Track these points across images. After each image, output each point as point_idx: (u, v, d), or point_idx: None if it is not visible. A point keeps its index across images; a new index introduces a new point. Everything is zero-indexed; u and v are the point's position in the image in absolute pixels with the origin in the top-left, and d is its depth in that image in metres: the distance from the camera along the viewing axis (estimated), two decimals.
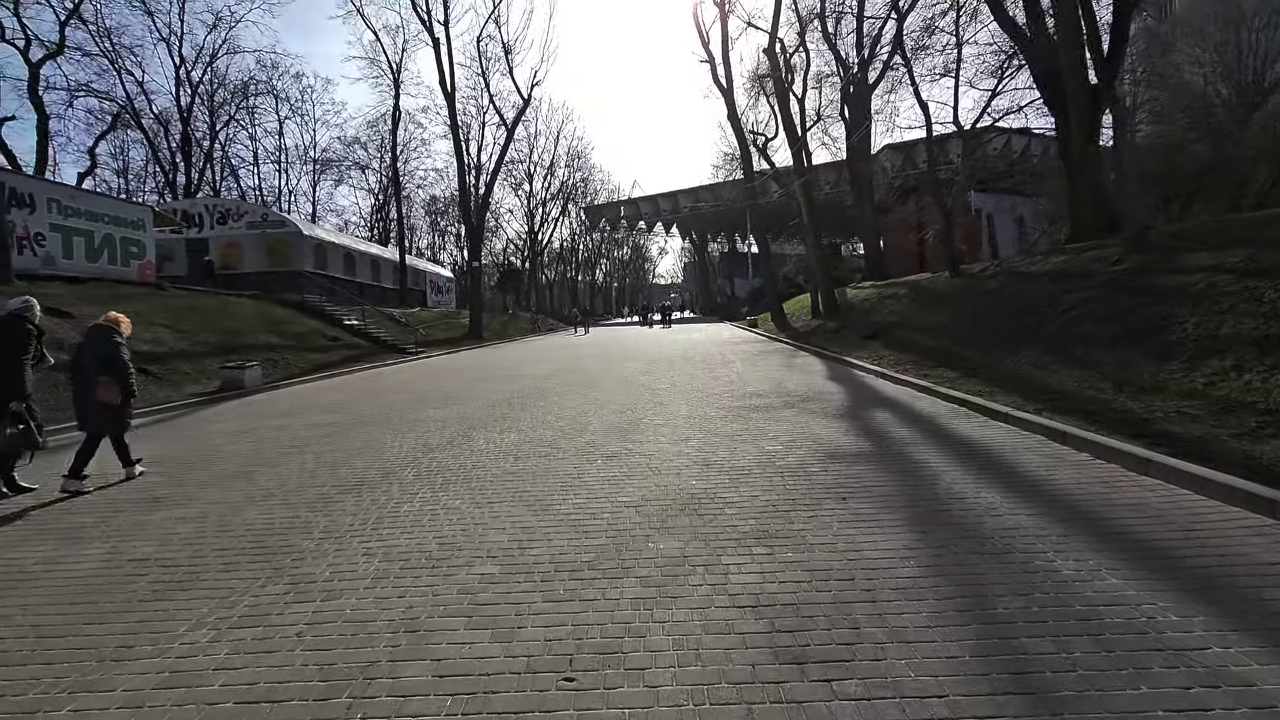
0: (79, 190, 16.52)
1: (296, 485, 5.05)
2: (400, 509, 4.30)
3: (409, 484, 4.92)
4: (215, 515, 4.35)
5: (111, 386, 5.26)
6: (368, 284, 29.36)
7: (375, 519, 4.12)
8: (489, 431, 6.97)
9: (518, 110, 30.89)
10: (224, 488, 5.09)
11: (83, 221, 15.38)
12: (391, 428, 7.49)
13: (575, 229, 65.80)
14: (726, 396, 8.73)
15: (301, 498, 4.69)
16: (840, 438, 5.84)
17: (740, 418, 7.08)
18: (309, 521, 4.13)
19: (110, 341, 5.35)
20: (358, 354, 18.19)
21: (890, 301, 17.89)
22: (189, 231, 24.61)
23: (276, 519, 4.21)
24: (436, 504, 4.37)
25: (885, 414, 6.99)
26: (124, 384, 5.32)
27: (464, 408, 8.82)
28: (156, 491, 5.06)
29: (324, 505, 4.47)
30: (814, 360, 13.33)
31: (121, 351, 5.38)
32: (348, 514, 4.25)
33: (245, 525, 4.12)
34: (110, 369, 5.26)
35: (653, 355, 16.69)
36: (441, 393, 10.65)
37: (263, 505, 4.55)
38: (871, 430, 6.16)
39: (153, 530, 4.11)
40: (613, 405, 8.42)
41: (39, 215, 14.20)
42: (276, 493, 4.86)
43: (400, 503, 4.44)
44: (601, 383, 10.98)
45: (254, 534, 3.94)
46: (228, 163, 41.12)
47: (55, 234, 14.59)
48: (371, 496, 4.63)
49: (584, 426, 6.99)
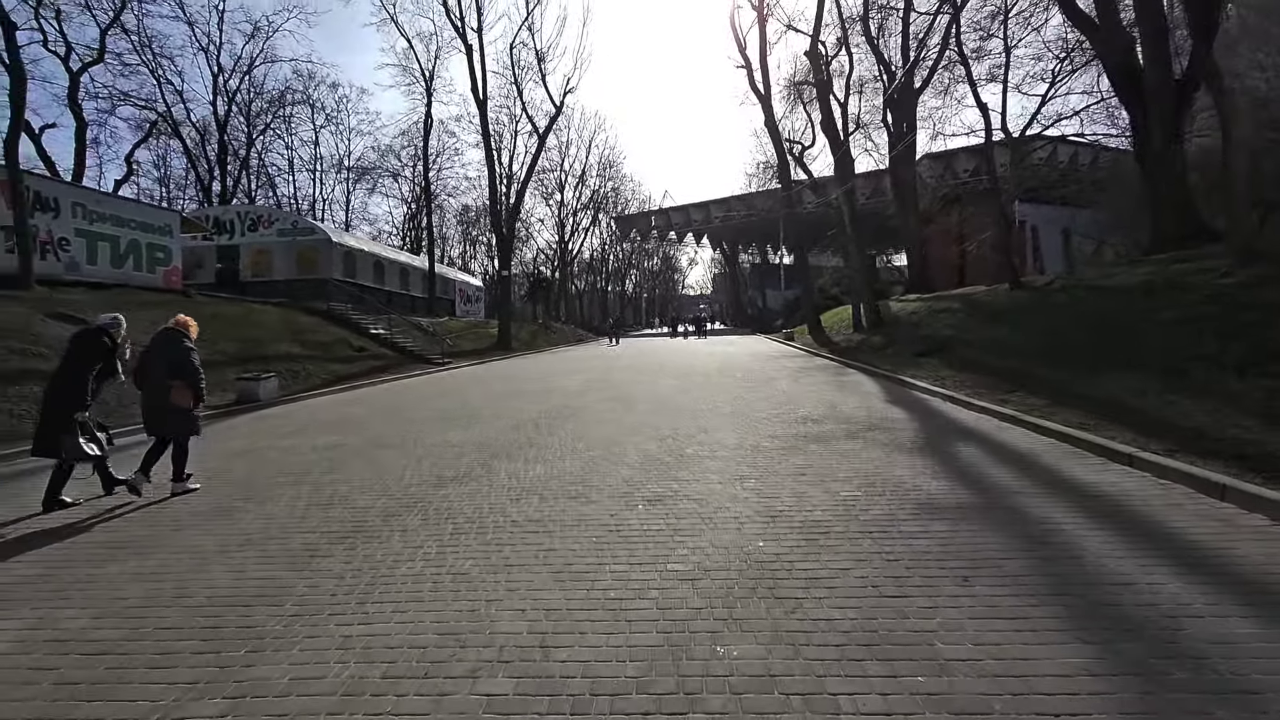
0: (105, 195, 16.38)
1: (282, 529, 4.27)
2: (396, 571, 3.47)
3: (413, 533, 4.10)
4: (176, 572, 3.57)
5: (184, 390, 5.29)
6: (396, 292, 29.05)
7: (365, 585, 3.30)
8: (512, 461, 6.14)
9: (550, 118, 30.41)
10: (200, 528, 4.33)
11: (108, 227, 15.14)
12: (405, 452, 6.72)
13: (605, 239, 65.40)
14: (777, 421, 7.78)
15: (284, 548, 3.90)
16: (928, 482, 4.86)
17: (798, 450, 6.14)
18: (284, 586, 3.33)
19: (181, 346, 5.38)
20: (382, 365, 17.65)
21: (942, 315, 16.71)
22: (220, 238, 24.56)
23: (247, 581, 3.42)
24: (441, 566, 3.53)
25: (971, 449, 5.97)
26: (195, 388, 5.36)
27: (486, 429, 8.03)
28: (123, 532, 4.33)
29: (308, 560, 3.67)
30: (864, 379, 12.27)
31: (193, 356, 5.41)
32: (333, 576, 3.44)
33: (207, 590, 3.33)
34: (183, 373, 5.29)
35: (688, 370, 15.78)
36: (464, 410, 9.89)
37: (236, 558, 3.77)
38: (963, 472, 5.16)
39: (96, 593, 3.34)
40: (650, 430, 7.53)
41: (63, 220, 13.96)
42: (257, 539, 4.08)
43: (398, 561, 3.61)
44: (636, 402, 10.11)
45: (213, 605, 3.14)
46: (264, 171, 41.63)
47: (80, 239, 14.35)
48: (366, 550, 3.82)
49: (620, 457, 6.11)
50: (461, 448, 6.89)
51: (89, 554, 3.94)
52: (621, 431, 7.53)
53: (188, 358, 5.34)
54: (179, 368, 5.28)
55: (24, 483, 5.86)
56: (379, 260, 27.75)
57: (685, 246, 75.78)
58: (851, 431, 6.96)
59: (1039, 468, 5.18)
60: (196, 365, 5.40)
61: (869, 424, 7.38)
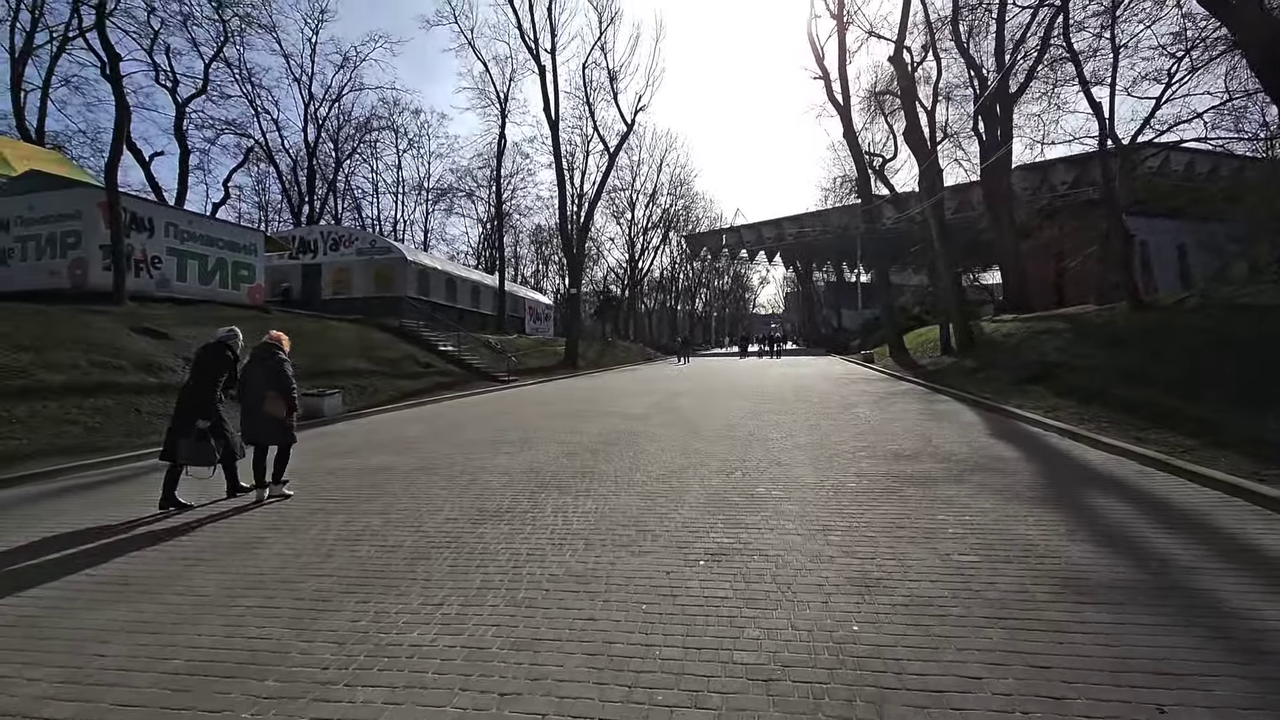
0: (195, 215, 17.27)
1: (299, 570, 3.80)
2: (406, 638, 2.88)
3: (435, 585, 3.52)
4: (166, 625, 3.12)
5: (279, 400, 5.56)
6: (468, 310, 29.52)
7: (365, 656, 2.73)
8: (561, 494, 5.53)
9: (621, 136, 30.37)
10: (212, 566, 3.92)
11: (198, 246, 15.86)
12: (451, 480, 6.24)
13: (676, 257, 65.04)
14: (863, 456, 6.85)
15: (293, 596, 3.41)
16: (1065, 546, 3.88)
17: (891, 494, 5.23)
18: (277, 649, 2.80)
19: (276, 359, 5.67)
20: (449, 381, 17.64)
21: (1046, 338, 15.09)
22: (304, 257, 25.65)
23: (237, 640, 2.92)
24: (458, 635, 2.91)
25: (1113, 502, 4.88)
26: (289, 398, 5.60)
27: (539, 454, 7.49)
28: (133, 570, 3.97)
29: (313, 616, 3.15)
30: (960, 407, 11.02)
31: (286, 367, 5.68)
32: (334, 640, 2.89)
33: (191, 647, 2.85)
34: (278, 384, 5.56)
35: (759, 392, 14.86)
36: (520, 431, 9.44)
37: (237, 606, 3.30)
38: (1110, 535, 4.13)
39: (81, 643, 2.92)
40: (716, 462, 6.77)
41: (157, 239, 14.70)
42: (269, 582, 3.62)
43: (411, 623, 3.03)
44: (702, 428, 9.36)
45: (190, 671, 2.64)
46: (350, 194, 43.77)
47: (171, 258, 15.07)
48: (380, 605, 3.26)
49: (680, 495, 5.39)
50: (511, 475, 6.36)
51: (82, 593, 3.59)
52: (685, 462, 6.80)
53: (282, 369, 5.63)
54: (275, 379, 5.57)
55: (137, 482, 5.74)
56: (451, 278, 28.30)
57: (757, 265, 74.51)
58: (954, 473, 5.96)
59: (1215, 532, 4.08)
60: (290, 377, 5.67)
61: (974, 463, 6.34)
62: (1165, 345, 10.11)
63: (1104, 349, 11.86)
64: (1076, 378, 10.84)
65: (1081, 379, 10.61)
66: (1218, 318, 9.94)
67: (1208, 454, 5.84)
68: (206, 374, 5.42)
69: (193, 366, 5.60)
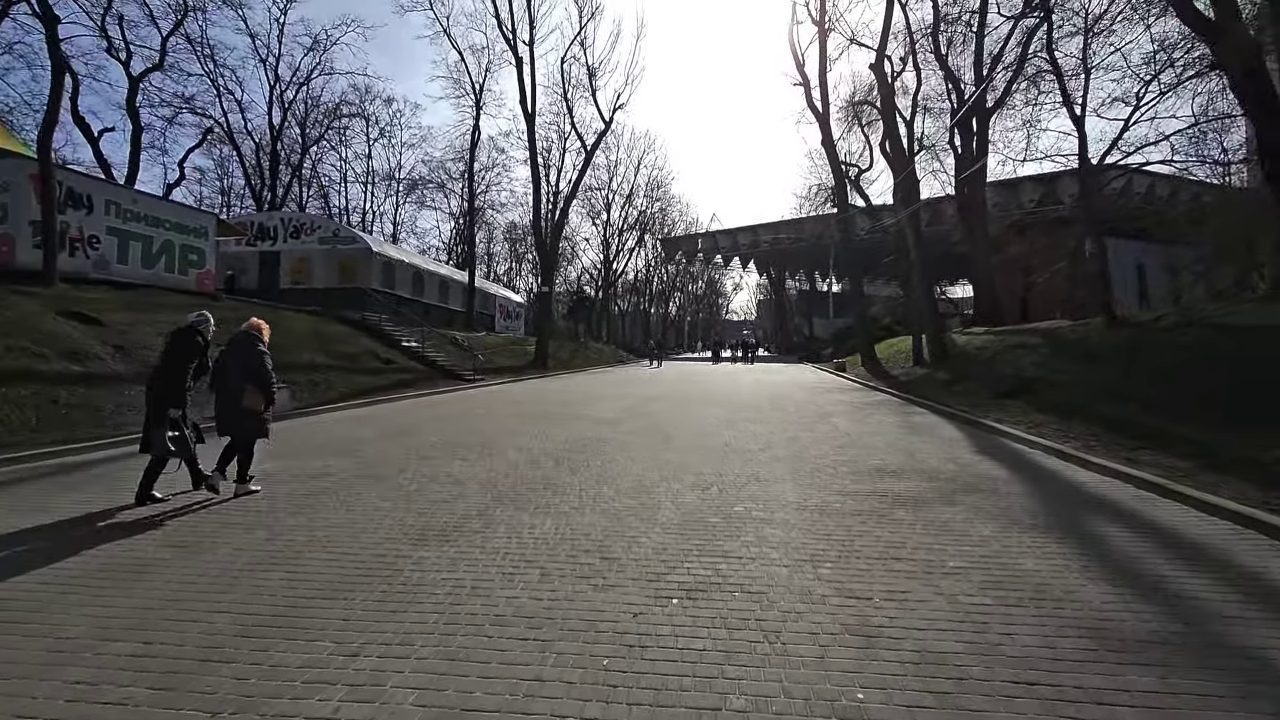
0: (140, 194, 16.11)
1: (192, 604, 3.15)
2: (298, 709, 2.28)
3: (353, 628, 2.91)
4: (8, 675, 2.47)
5: (257, 394, 5.36)
6: (435, 305, 28.59)
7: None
8: (518, 510, 4.95)
9: (598, 134, 29.79)
10: (89, 595, 3.25)
11: (142, 226, 14.80)
12: (396, 490, 5.61)
13: (651, 260, 64.65)
14: (846, 472, 6.41)
15: (175, 640, 2.76)
16: (1082, 586, 3.44)
17: (882, 517, 4.77)
18: (132, 718, 2.18)
19: (256, 350, 5.44)
20: (410, 379, 16.84)
21: (1020, 353, 14.97)
22: (263, 244, 24.49)
23: (87, 702, 2.29)
24: (366, 707, 2.32)
25: (1119, 533, 4.49)
26: (267, 392, 5.44)
27: (499, 462, 6.89)
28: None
29: (191, 671, 2.52)
30: (938, 421, 10.71)
31: (266, 360, 5.47)
32: (207, 708, 2.27)
33: (19, 718, 2.21)
34: (257, 377, 5.36)
35: (734, 399, 14.43)
36: (482, 436, 8.81)
37: (105, 654, 2.65)
38: (1127, 572, 3.71)
39: None
40: (691, 476, 6.26)
41: (96, 217, 13.63)
42: (151, 620, 2.97)
43: (309, 689, 2.42)
44: (674, 437, 8.84)
45: None
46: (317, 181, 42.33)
47: (111, 237, 14.00)
48: (280, 655, 2.65)
49: (651, 514, 4.85)
50: (465, 486, 5.75)
51: None
52: (657, 474, 6.27)
53: (262, 362, 5.42)
54: (254, 371, 5.36)
55: None
56: (419, 272, 27.35)
57: (731, 271, 74.57)
58: (944, 493, 5.54)
59: (1240, 573, 3.69)
60: (270, 370, 5.47)
61: (964, 483, 5.94)
62: (1145, 363, 9.94)
63: (1081, 365, 11.70)
64: (1055, 393, 10.63)
65: (1061, 395, 10.40)
66: (1197, 336, 9.80)
67: (1207, 478, 5.52)
68: (176, 360, 5.10)
69: (162, 353, 5.26)
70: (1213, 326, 9.75)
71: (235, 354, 5.43)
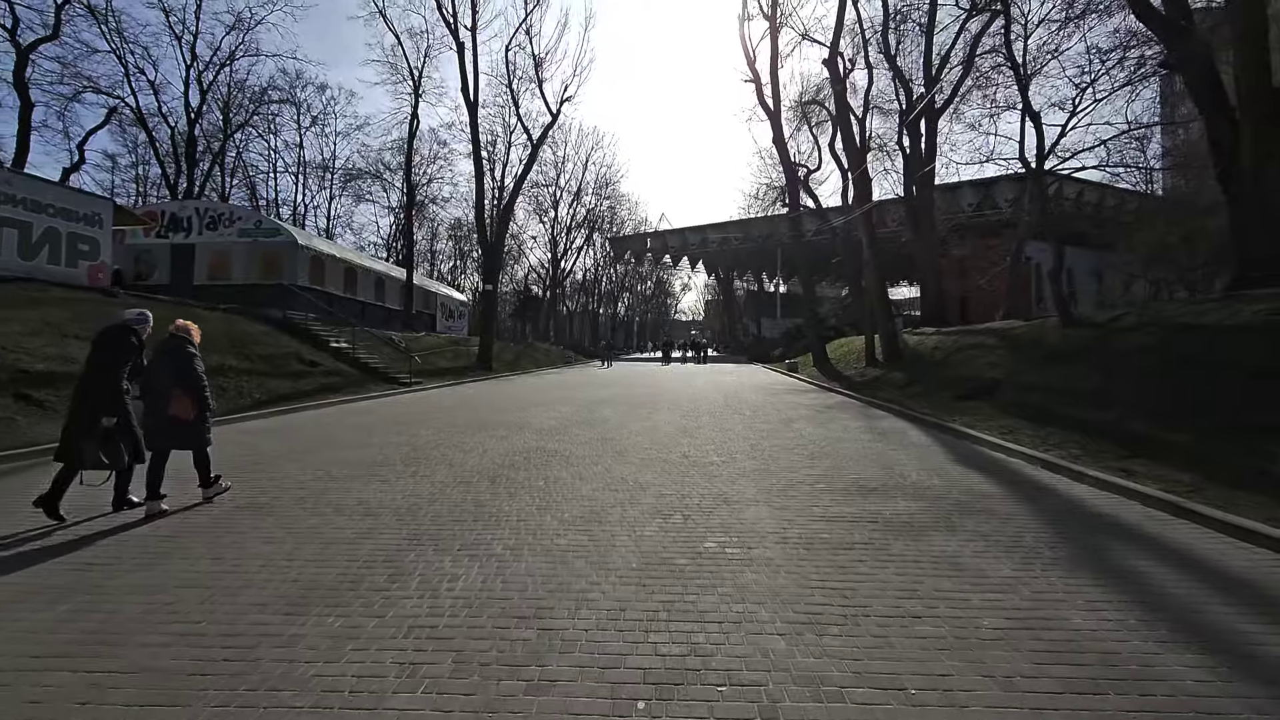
0: (17, 173, 14.13)
1: None
2: None
3: None
4: None
5: (185, 401, 4.94)
6: (371, 304, 26.82)
7: None
8: (439, 554, 3.95)
9: (545, 127, 28.63)
10: None
11: (19, 211, 12.90)
12: (286, 526, 4.51)
13: (600, 259, 63.64)
14: (822, 490, 5.65)
15: None
16: (1161, 659, 2.72)
17: (877, 551, 4.00)
18: None
19: (185, 353, 5.03)
20: (338, 383, 15.38)
21: (976, 353, 14.76)
22: (175, 236, 22.32)
23: None
24: None
25: (1151, 567, 3.83)
26: (198, 397, 5.01)
27: (423, 484, 5.84)
28: None
29: None
30: (904, 425, 10.17)
31: (196, 363, 5.08)
32: None
33: None
34: (185, 381, 4.94)
35: (687, 403, 13.64)
36: (408, 448, 7.70)
37: None
38: (1199, 631, 3.02)
39: None
40: (649, 498, 5.37)
41: None
42: None
43: None
44: (628, 447, 7.95)
45: None
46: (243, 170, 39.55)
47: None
48: None
49: (603, 556, 3.94)
50: (377, 518, 4.70)
51: None
52: (609, 498, 5.36)
53: (191, 365, 5.01)
54: (182, 376, 4.93)
55: None
56: (351, 267, 25.53)
57: (679, 271, 74.28)
58: (939, 515, 4.83)
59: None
60: (200, 373, 5.08)
61: (956, 501, 5.26)
62: (1111, 365, 9.64)
63: (1043, 366, 11.41)
64: (1021, 396, 10.25)
65: (1027, 397, 10.02)
66: (1162, 337, 9.56)
67: (1217, 494, 5.00)
68: (108, 364, 4.66)
69: (90, 354, 4.77)
70: (1179, 326, 9.52)
71: (165, 360, 4.97)
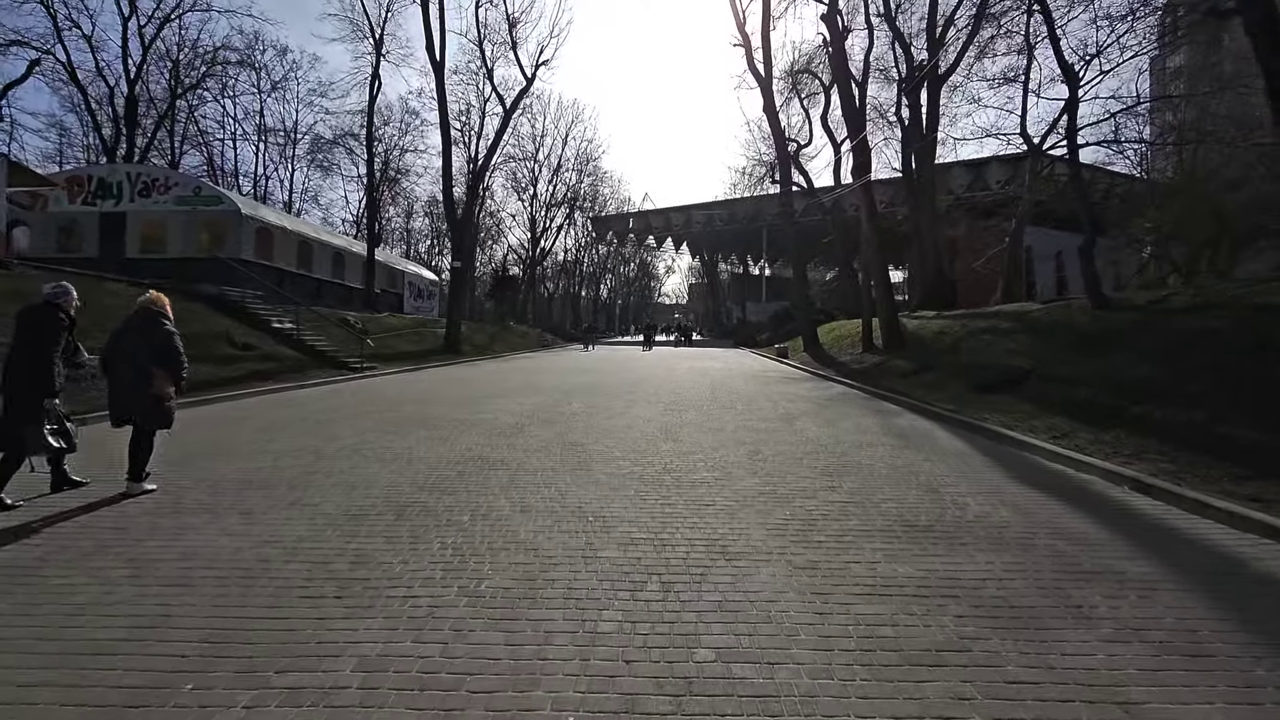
0: None
1: None
2: None
3: None
4: None
5: (166, 379, 4.67)
6: (329, 281, 24.75)
7: None
8: (288, 671, 2.28)
9: (519, 91, 26.56)
10: None
11: None
12: (107, 585, 2.80)
13: (581, 239, 61.54)
14: (857, 531, 4.04)
15: None
16: None
17: (985, 670, 2.40)
18: None
19: (163, 329, 4.72)
20: (273, 369, 13.49)
21: (989, 338, 13.29)
22: (103, 204, 20.08)
23: None
24: None
25: None
26: (176, 375, 4.74)
27: (293, 525, 4.11)
28: None
29: None
30: (928, 425, 8.62)
31: (175, 340, 4.76)
32: None
33: None
34: (165, 359, 4.65)
35: (670, 393, 12.01)
36: (310, 459, 5.98)
37: None
38: None
39: None
40: (612, 551, 3.72)
41: None
42: None
43: None
44: (595, 457, 6.29)
45: None
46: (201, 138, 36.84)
47: None
48: None
49: (525, 693, 2.29)
50: (191, 589, 2.99)
51: None
52: (558, 546, 3.70)
53: (171, 341, 4.72)
54: (161, 353, 4.64)
55: None
56: (306, 241, 23.38)
57: (663, 253, 72.43)
58: (1043, 583, 3.23)
59: None
60: (180, 349, 4.78)
61: (1054, 555, 3.67)
62: (1171, 352, 8.15)
63: (1077, 354, 9.94)
64: (1060, 390, 8.76)
65: (1069, 392, 8.52)
66: (1234, 320, 8.10)
67: None
68: (38, 343, 4.33)
69: (15, 335, 4.43)
70: (1257, 308, 8.07)
71: (136, 334, 4.69)
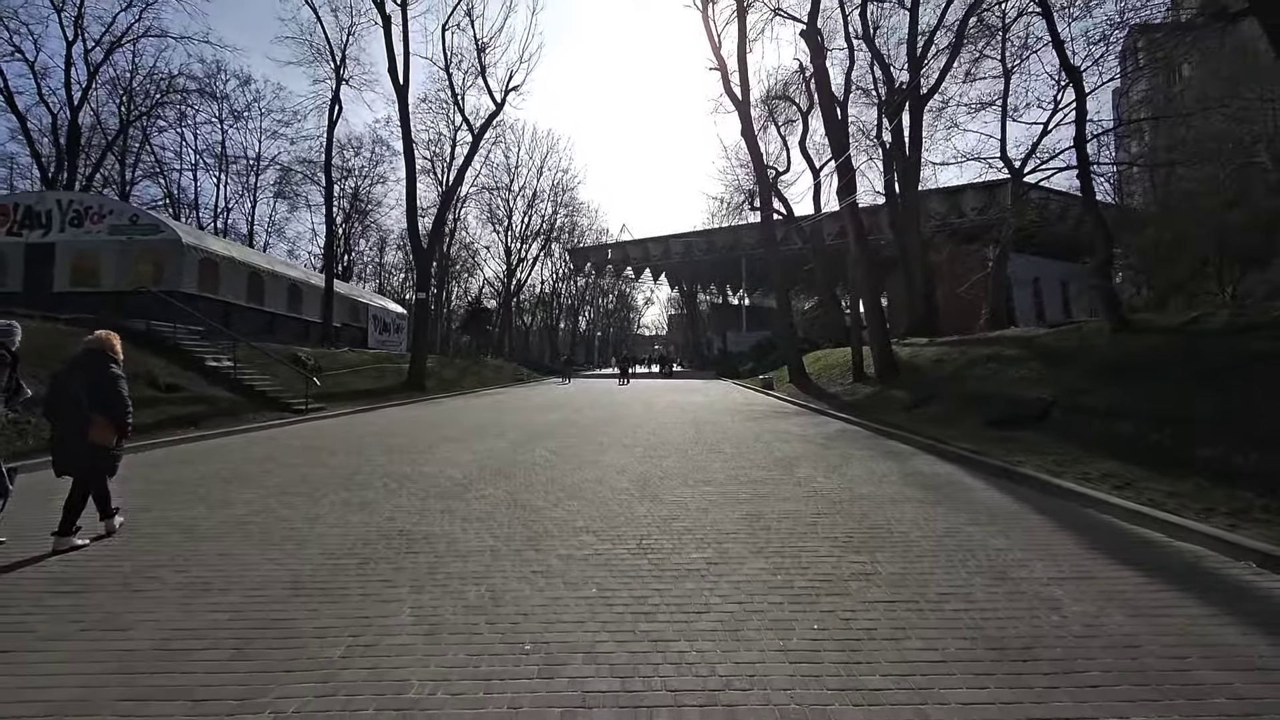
0: None
1: None
2: None
3: None
4: None
5: (107, 426, 4.39)
6: (284, 315, 23.13)
7: None
8: None
9: (489, 115, 25.59)
10: None
11: None
12: None
13: (559, 271, 60.50)
14: (916, 644, 2.70)
15: None
16: None
17: None
18: None
19: (107, 370, 4.49)
20: (199, 413, 11.85)
21: (995, 366, 12.20)
22: (30, 234, 18.43)
23: None
24: None
25: None
26: (120, 422, 4.46)
27: (134, 636, 2.67)
28: None
29: None
30: (952, 470, 7.35)
31: (120, 384, 4.52)
32: None
33: None
34: (106, 404, 4.39)
35: (650, 434, 10.64)
36: (194, 539, 4.49)
37: None
38: None
39: None
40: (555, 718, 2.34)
41: None
42: None
43: None
44: (550, 531, 4.89)
45: None
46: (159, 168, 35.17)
47: None
48: None
49: None
50: None
51: None
52: (464, 716, 2.31)
53: (115, 384, 4.46)
54: (103, 396, 4.38)
55: None
56: (257, 272, 21.79)
57: (642, 284, 71.61)
58: None
59: None
60: (124, 395, 4.51)
61: (1243, 713, 2.38)
62: (1231, 381, 7.03)
63: (1106, 383, 8.82)
64: (1097, 425, 7.58)
65: (1106, 427, 7.34)
66: None
67: None
68: None
69: None
70: None
71: (79, 375, 4.37)
